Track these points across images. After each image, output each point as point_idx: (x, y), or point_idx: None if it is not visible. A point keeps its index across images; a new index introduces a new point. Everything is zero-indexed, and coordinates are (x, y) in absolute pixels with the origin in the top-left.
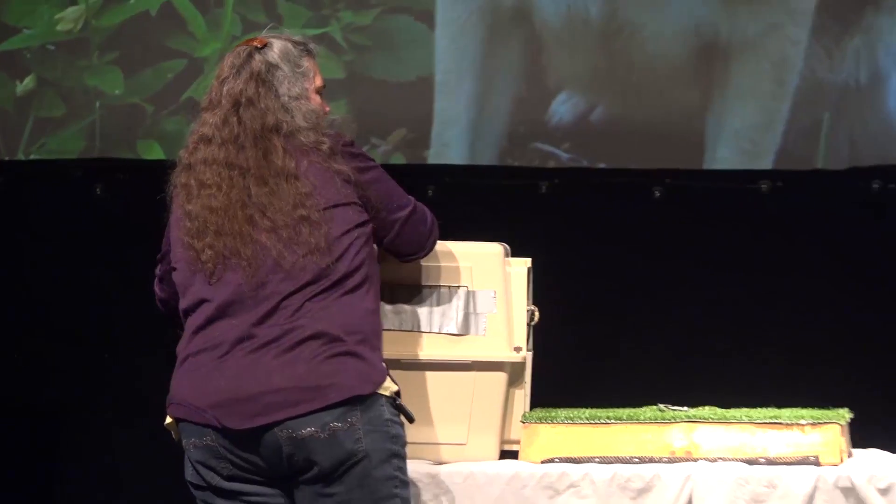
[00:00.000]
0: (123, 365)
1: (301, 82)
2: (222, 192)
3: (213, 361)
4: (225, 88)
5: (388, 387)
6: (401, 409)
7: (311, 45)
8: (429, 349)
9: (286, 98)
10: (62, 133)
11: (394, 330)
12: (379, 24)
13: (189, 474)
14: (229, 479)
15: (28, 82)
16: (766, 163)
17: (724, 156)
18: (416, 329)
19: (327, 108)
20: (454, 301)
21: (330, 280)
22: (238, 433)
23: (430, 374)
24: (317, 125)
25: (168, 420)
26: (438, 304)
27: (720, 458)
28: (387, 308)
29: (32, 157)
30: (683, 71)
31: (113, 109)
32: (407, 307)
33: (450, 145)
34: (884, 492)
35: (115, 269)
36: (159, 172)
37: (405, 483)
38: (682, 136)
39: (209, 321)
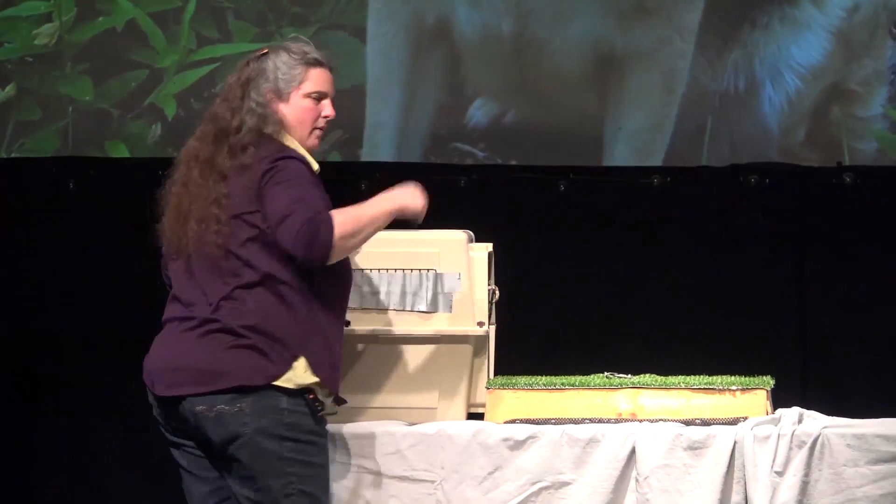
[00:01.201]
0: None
1: (276, 89)
2: (180, 184)
3: (163, 334)
4: (223, 89)
5: (293, 380)
6: (309, 403)
7: (314, 56)
8: (402, 325)
9: (254, 103)
10: (39, 134)
11: (371, 309)
12: (317, 38)
13: None
14: (172, 432)
15: (9, 90)
16: (656, 160)
17: (620, 154)
18: (390, 307)
19: (326, 113)
20: (424, 282)
21: (240, 280)
22: (161, 398)
23: (404, 347)
24: (260, 131)
25: None
26: (410, 286)
27: (661, 419)
28: (364, 289)
29: (13, 155)
30: (584, 80)
31: (84, 114)
32: (382, 288)
33: (379, 145)
34: (801, 443)
35: (85, 253)
36: (124, 169)
37: (306, 463)
38: (583, 136)
39: (171, 299)
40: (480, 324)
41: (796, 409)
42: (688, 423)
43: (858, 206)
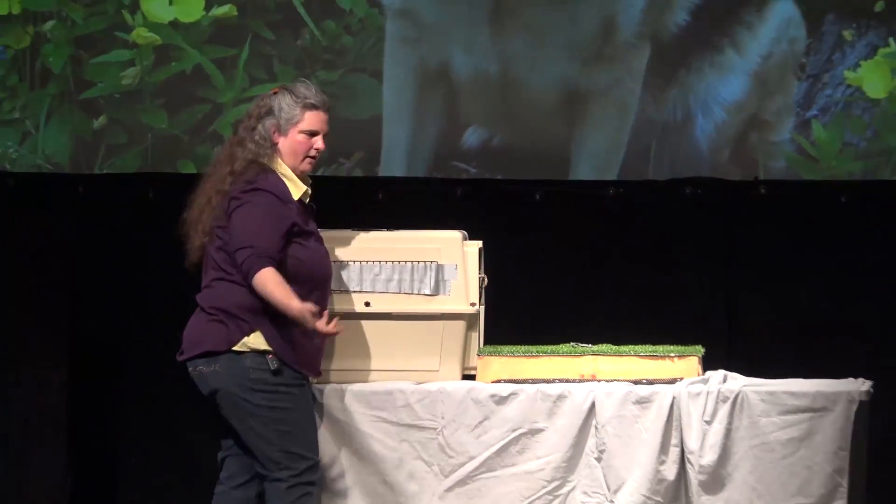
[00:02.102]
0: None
1: (277, 126)
2: (197, 191)
3: None
4: (244, 117)
5: (249, 345)
6: (268, 363)
7: (311, 101)
8: (411, 305)
9: (258, 136)
10: (125, 155)
11: (385, 293)
12: (343, 79)
13: None
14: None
15: (101, 120)
16: (612, 175)
17: (583, 170)
18: (401, 292)
19: (316, 146)
20: (427, 272)
21: (216, 274)
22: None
23: (412, 323)
24: (255, 160)
25: None
26: (417, 274)
27: (615, 380)
28: (381, 277)
29: (105, 171)
30: (555, 111)
31: (160, 138)
32: (395, 277)
33: (393, 163)
34: (725, 399)
35: (162, 249)
36: (193, 183)
37: (272, 408)
38: (554, 156)
39: None
40: (472, 304)
41: (721, 372)
42: (636, 382)
43: (771, 211)
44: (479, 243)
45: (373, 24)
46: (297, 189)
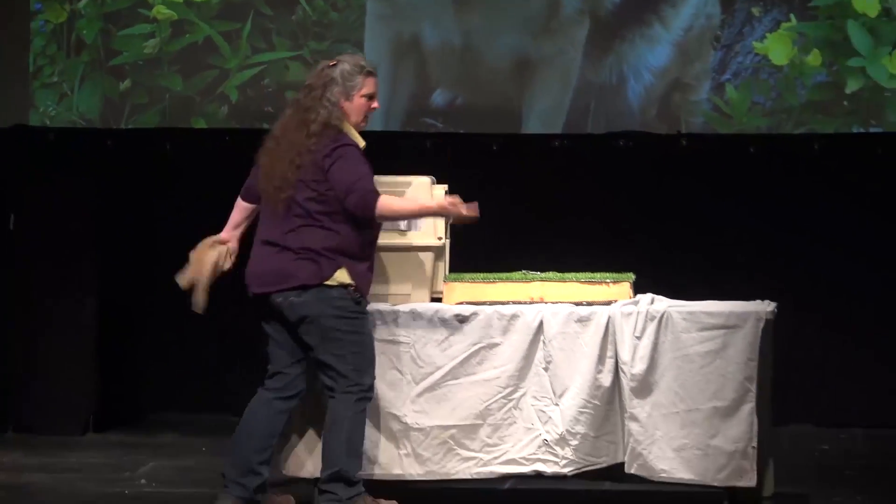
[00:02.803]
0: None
1: (344, 92)
2: (271, 151)
3: (254, 251)
4: (305, 84)
5: (338, 279)
6: (351, 293)
7: (368, 68)
8: (388, 239)
9: (327, 102)
10: (146, 113)
11: None
12: (331, 49)
13: None
14: (261, 317)
15: (126, 83)
16: (557, 129)
17: (533, 125)
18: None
19: (374, 106)
20: None
21: (302, 220)
22: (254, 294)
23: (388, 254)
24: (328, 123)
25: None
26: None
27: (560, 302)
28: None
29: (129, 126)
30: (509, 76)
31: (176, 99)
32: None
33: (373, 118)
34: (652, 318)
35: (179, 197)
36: (203, 135)
37: (352, 332)
38: (508, 113)
39: (259, 228)
40: (440, 238)
41: (650, 295)
42: (577, 304)
43: (691, 159)
44: (445, 186)
45: (356, 2)
46: (360, 142)
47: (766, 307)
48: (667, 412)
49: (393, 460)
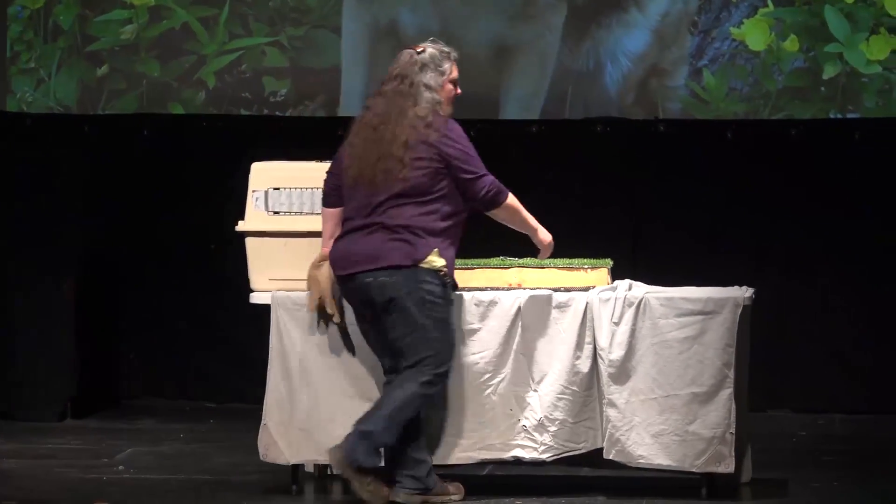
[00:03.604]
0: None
1: (437, 77)
2: (367, 134)
3: (344, 234)
4: (393, 73)
5: (431, 262)
6: (440, 277)
7: (454, 54)
8: None
9: (421, 87)
10: (124, 98)
11: None
12: (308, 34)
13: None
14: (346, 294)
15: (104, 69)
16: (535, 115)
17: (511, 111)
18: None
19: (458, 91)
20: None
21: (407, 199)
22: (339, 276)
23: None
24: (433, 107)
25: None
26: None
27: (538, 288)
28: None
29: (107, 112)
30: (488, 62)
31: (153, 84)
32: None
33: (351, 105)
34: (630, 303)
35: (155, 174)
36: (180, 121)
37: (437, 317)
38: (486, 99)
39: (349, 210)
40: None
41: (627, 281)
42: (556, 290)
43: (668, 144)
44: None
45: None
46: None
47: (743, 293)
48: (645, 398)
49: None
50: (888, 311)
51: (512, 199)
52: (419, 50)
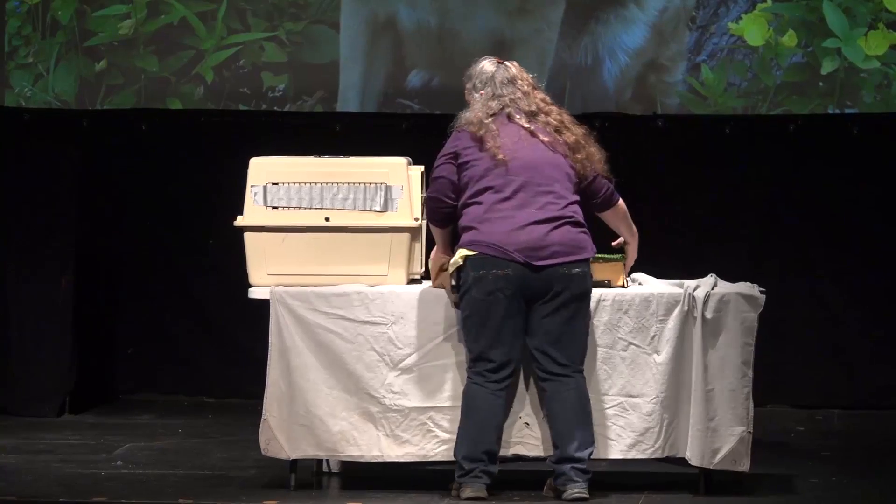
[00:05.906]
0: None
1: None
2: (515, 135)
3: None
4: (497, 81)
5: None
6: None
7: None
8: (364, 220)
9: (539, 98)
10: (122, 93)
11: (344, 209)
12: (307, 29)
13: (477, 291)
14: (510, 296)
15: (102, 64)
16: None
17: None
18: (356, 209)
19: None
20: (378, 192)
21: (574, 198)
22: (533, 267)
23: (365, 235)
24: (541, 106)
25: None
26: (369, 193)
27: None
28: (339, 197)
29: (105, 107)
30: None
31: (151, 79)
32: (351, 196)
33: (349, 101)
34: (646, 299)
35: (155, 171)
36: (179, 116)
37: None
38: None
39: (517, 205)
40: (416, 219)
41: (640, 274)
42: None
43: (667, 140)
44: (422, 168)
45: None
46: None
47: (752, 291)
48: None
49: (371, 441)
50: (887, 307)
51: (623, 203)
52: (511, 63)
